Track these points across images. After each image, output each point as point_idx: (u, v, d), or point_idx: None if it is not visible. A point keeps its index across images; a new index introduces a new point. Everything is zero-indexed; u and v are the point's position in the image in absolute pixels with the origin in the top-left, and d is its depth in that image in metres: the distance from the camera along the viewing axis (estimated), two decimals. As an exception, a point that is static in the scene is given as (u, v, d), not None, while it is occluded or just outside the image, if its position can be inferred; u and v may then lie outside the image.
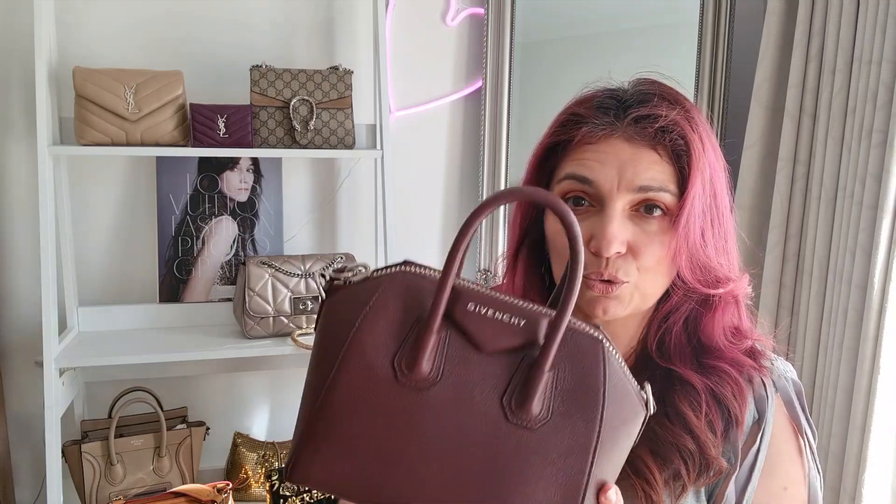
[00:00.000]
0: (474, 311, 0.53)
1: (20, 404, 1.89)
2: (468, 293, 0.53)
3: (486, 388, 0.52)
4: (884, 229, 1.41)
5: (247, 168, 1.95)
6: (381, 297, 0.53)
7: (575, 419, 0.52)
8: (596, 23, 2.02)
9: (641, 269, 0.72)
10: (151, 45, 1.85)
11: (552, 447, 0.52)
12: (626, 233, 0.71)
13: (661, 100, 0.73)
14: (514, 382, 0.52)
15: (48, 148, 1.61)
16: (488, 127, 2.02)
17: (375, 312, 0.53)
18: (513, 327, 0.53)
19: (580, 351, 0.54)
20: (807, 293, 1.66)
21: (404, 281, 0.54)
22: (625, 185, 0.71)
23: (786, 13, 1.73)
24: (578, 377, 0.53)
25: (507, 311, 0.53)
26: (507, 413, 0.52)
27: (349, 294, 0.55)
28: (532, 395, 0.52)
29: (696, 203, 0.71)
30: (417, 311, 0.53)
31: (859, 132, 1.50)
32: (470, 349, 0.53)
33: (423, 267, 0.56)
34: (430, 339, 0.52)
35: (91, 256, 1.89)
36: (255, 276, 1.78)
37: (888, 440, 1.45)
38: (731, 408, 0.74)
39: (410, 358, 0.52)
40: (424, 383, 0.52)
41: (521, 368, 0.53)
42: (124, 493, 1.73)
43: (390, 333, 0.53)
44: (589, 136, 0.72)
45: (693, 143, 0.71)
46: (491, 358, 0.53)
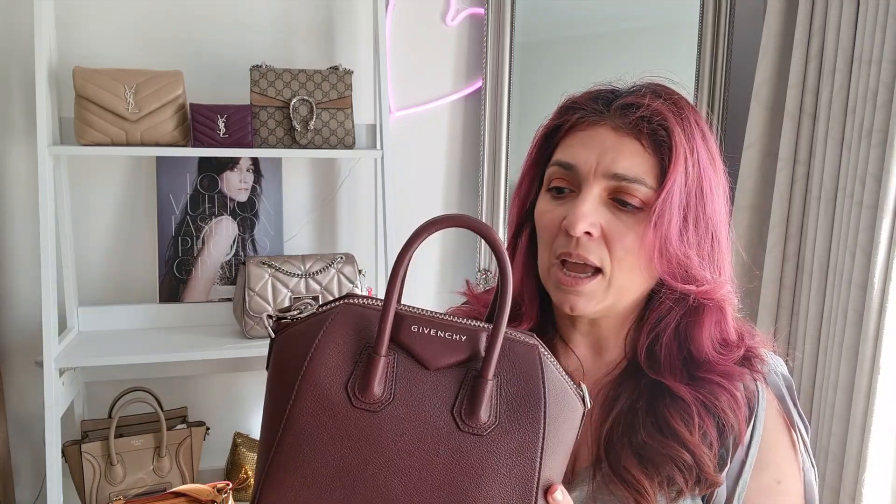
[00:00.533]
0: (418, 332, 0.58)
1: (20, 404, 1.89)
2: (410, 317, 0.58)
3: (436, 402, 0.56)
4: (884, 229, 1.41)
5: (247, 168, 1.95)
6: (330, 329, 0.57)
7: (521, 421, 0.57)
8: (596, 23, 2.02)
9: (614, 258, 0.72)
10: (151, 45, 1.85)
11: (503, 449, 0.56)
12: (600, 217, 0.72)
13: (651, 92, 0.74)
14: (461, 394, 0.57)
15: (48, 148, 1.61)
16: (488, 127, 2.02)
17: (325, 344, 0.57)
18: (455, 343, 0.58)
19: (519, 358, 0.59)
20: (807, 293, 1.66)
21: (350, 313, 0.58)
22: (601, 171, 0.72)
23: (786, 13, 1.73)
24: (520, 382, 0.58)
25: (449, 330, 0.58)
26: (459, 423, 0.56)
27: (297, 331, 0.59)
28: (479, 404, 0.56)
29: (673, 196, 0.71)
30: (365, 339, 0.57)
31: (859, 132, 1.50)
32: (417, 368, 0.57)
33: (366, 298, 0.60)
34: (379, 363, 0.56)
35: (91, 256, 1.89)
36: (255, 276, 1.78)
37: (888, 440, 1.45)
38: (727, 418, 0.74)
39: (362, 382, 0.56)
40: (378, 405, 0.55)
41: (466, 380, 0.57)
42: (124, 493, 1.73)
43: (341, 362, 0.56)
44: (580, 122, 0.74)
45: (675, 135, 0.71)
46: (438, 374, 0.57)
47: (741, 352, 0.77)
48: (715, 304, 0.75)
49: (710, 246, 0.74)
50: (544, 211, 0.76)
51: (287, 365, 0.57)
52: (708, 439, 0.73)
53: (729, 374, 0.75)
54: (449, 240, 2.12)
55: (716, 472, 0.72)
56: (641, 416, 0.74)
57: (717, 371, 0.75)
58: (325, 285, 1.84)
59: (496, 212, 2.05)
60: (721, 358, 0.76)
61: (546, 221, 0.75)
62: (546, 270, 0.76)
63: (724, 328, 0.77)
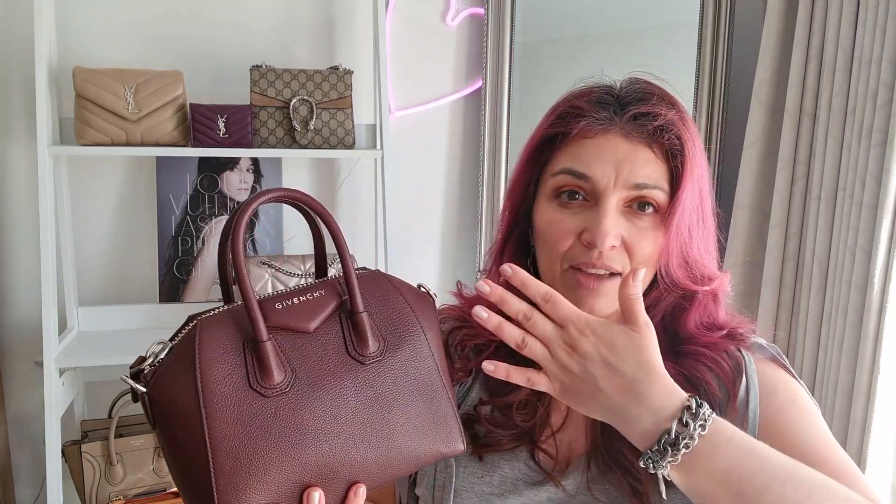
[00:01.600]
0: (283, 307, 0.62)
1: (20, 404, 1.89)
2: (270, 300, 0.62)
3: (332, 353, 0.61)
4: (884, 229, 1.41)
5: (247, 168, 1.95)
6: (202, 346, 0.58)
7: (402, 331, 0.65)
8: (596, 23, 2.02)
9: (634, 262, 0.73)
10: (151, 45, 1.85)
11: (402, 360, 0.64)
12: (620, 227, 0.72)
13: (660, 100, 0.74)
14: (346, 335, 0.63)
15: (48, 148, 1.61)
16: (488, 127, 2.02)
17: (206, 360, 0.57)
18: (317, 300, 0.63)
19: (372, 285, 0.66)
20: (807, 293, 1.66)
21: (209, 324, 0.59)
22: (621, 182, 0.72)
23: (786, 13, 1.73)
24: (383, 302, 0.66)
25: (306, 293, 0.63)
26: (358, 357, 0.62)
27: (167, 370, 0.58)
28: (365, 335, 0.63)
29: (687, 202, 0.73)
30: (239, 337, 0.59)
31: (859, 132, 1.50)
32: (300, 336, 0.61)
33: (208, 311, 0.61)
34: (266, 350, 0.58)
35: (91, 256, 1.89)
36: (255, 276, 1.78)
37: (888, 440, 1.45)
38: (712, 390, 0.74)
39: (262, 372, 0.58)
40: (286, 384, 0.58)
41: (343, 321, 0.63)
42: (124, 493, 1.73)
43: (232, 367, 0.58)
44: (587, 129, 0.73)
45: (688, 144, 0.73)
46: (319, 332, 0.62)
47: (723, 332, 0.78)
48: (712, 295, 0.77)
49: (707, 240, 0.77)
50: (554, 220, 0.75)
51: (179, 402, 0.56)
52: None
53: (713, 345, 0.77)
54: (449, 240, 2.12)
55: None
56: None
57: (700, 342, 0.77)
58: (325, 285, 1.84)
59: (496, 212, 2.05)
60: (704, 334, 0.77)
61: (556, 231, 0.74)
62: (557, 275, 0.76)
63: (713, 313, 0.79)
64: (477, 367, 0.81)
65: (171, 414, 0.57)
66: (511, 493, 0.76)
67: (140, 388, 0.58)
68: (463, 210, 2.11)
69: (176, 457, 0.57)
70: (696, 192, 0.74)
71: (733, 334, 0.79)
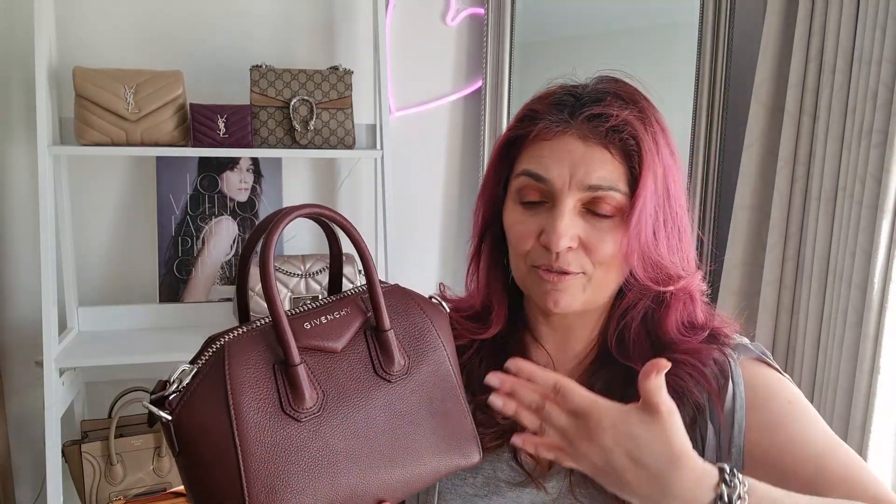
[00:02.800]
0: (311, 327, 0.61)
1: (20, 404, 1.89)
2: (298, 319, 0.61)
3: (360, 372, 0.62)
4: (884, 229, 1.41)
5: (247, 168, 1.95)
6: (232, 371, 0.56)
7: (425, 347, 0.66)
8: (596, 23, 2.02)
9: (595, 263, 0.73)
10: (151, 45, 1.85)
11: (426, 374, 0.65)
12: (577, 228, 0.72)
13: (616, 98, 0.74)
14: (373, 354, 0.63)
15: (48, 148, 1.61)
16: (488, 127, 2.02)
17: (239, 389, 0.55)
18: (344, 318, 0.63)
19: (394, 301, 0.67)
20: (807, 293, 1.66)
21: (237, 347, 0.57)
22: (576, 184, 0.72)
23: (786, 13, 1.73)
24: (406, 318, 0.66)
25: (333, 311, 0.63)
26: (386, 376, 0.62)
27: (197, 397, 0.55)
28: (391, 353, 0.63)
29: (647, 203, 0.72)
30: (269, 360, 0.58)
31: (859, 132, 1.50)
32: (329, 357, 0.61)
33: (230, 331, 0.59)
34: (298, 373, 0.57)
35: (91, 256, 1.89)
36: (255, 276, 1.78)
37: (888, 440, 1.45)
38: (696, 399, 0.74)
39: (295, 396, 0.57)
40: (318, 406, 0.58)
41: (370, 340, 0.63)
42: (124, 493, 1.73)
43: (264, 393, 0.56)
44: (544, 132, 0.74)
45: (644, 143, 0.72)
46: (347, 351, 0.62)
47: (705, 333, 0.78)
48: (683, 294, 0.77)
49: (677, 239, 0.76)
50: (516, 221, 0.76)
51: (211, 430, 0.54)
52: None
53: (695, 351, 0.76)
54: (449, 240, 2.12)
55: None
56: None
57: (682, 349, 0.76)
58: (326, 285, 1.84)
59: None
60: (685, 339, 0.77)
61: (518, 232, 0.76)
62: (524, 274, 0.77)
63: (691, 312, 0.78)
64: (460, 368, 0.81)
65: (202, 442, 0.55)
66: (494, 493, 0.76)
67: (165, 415, 0.55)
68: (463, 210, 2.11)
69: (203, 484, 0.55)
70: (659, 191, 0.73)
71: (717, 335, 0.79)
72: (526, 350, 0.83)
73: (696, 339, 0.77)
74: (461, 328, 0.82)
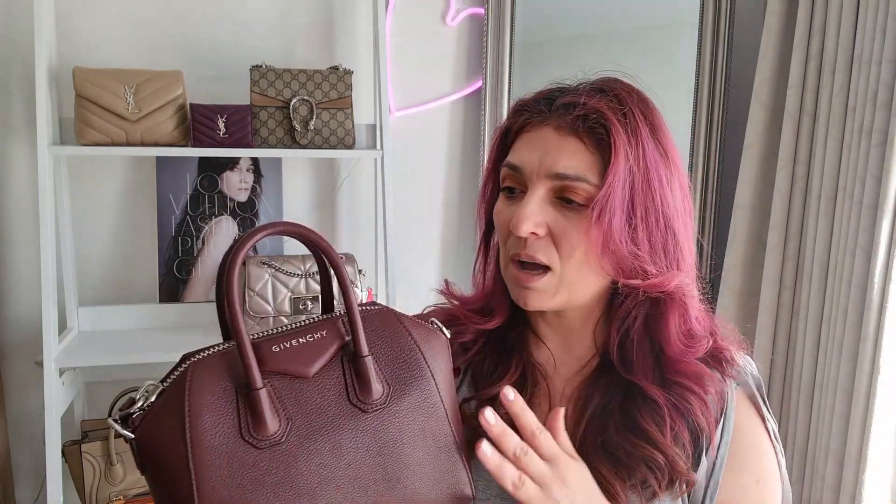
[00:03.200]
0: (280, 350, 0.57)
1: (20, 404, 1.89)
2: (267, 342, 0.57)
3: (332, 400, 0.57)
4: (884, 229, 1.41)
5: (247, 168, 1.95)
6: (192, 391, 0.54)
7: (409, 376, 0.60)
8: (596, 23, 2.02)
9: (563, 256, 0.73)
10: (151, 45, 1.85)
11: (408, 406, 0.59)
12: (546, 216, 0.73)
13: (595, 91, 0.74)
14: (348, 380, 0.58)
15: (48, 148, 1.61)
16: (488, 127, 2.02)
17: (197, 408, 0.54)
18: (318, 342, 0.58)
19: (380, 325, 0.61)
20: (807, 293, 1.66)
21: (201, 367, 0.56)
22: (543, 171, 0.73)
23: (786, 13, 1.73)
24: (391, 344, 0.61)
25: (306, 334, 0.58)
26: (360, 405, 0.57)
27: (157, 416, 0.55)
28: (369, 381, 0.58)
29: (615, 192, 0.70)
30: (232, 382, 0.55)
31: (859, 132, 1.50)
32: (298, 382, 0.57)
33: (205, 349, 0.57)
34: (261, 397, 0.54)
35: (91, 256, 1.89)
36: (255, 276, 1.78)
37: (888, 440, 1.45)
38: (699, 422, 0.74)
39: (255, 422, 0.54)
40: (281, 434, 0.54)
41: (346, 366, 0.59)
42: (124, 493, 1.73)
43: (223, 416, 0.54)
44: (527, 124, 0.76)
45: (615, 132, 0.71)
46: (319, 377, 0.57)
47: (709, 344, 0.77)
48: (674, 297, 0.75)
49: (664, 239, 0.74)
50: (498, 211, 0.78)
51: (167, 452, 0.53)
52: (681, 441, 0.73)
53: (699, 377, 0.75)
54: (449, 240, 2.12)
55: (689, 471, 0.72)
56: (614, 416, 0.75)
57: (688, 373, 0.75)
58: (325, 285, 1.84)
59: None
60: (689, 351, 0.76)
61: (500, 221, 0.78)
62: (504, 268, 0.78)
63: (687, 320, 0.77)
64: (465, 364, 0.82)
65: (159, 463, 0.54)
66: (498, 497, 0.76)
67: (128, 433, 0.55)
68: (463, 210, 2.11)
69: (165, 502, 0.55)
70: (637, 182, 0.71)
71: (719, 356, 0.78)
72: (527, 345, 0.83)
73: (696, 350, 0.76)
74: (467, 321, 0.82)
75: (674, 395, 0.74)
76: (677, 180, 0.75)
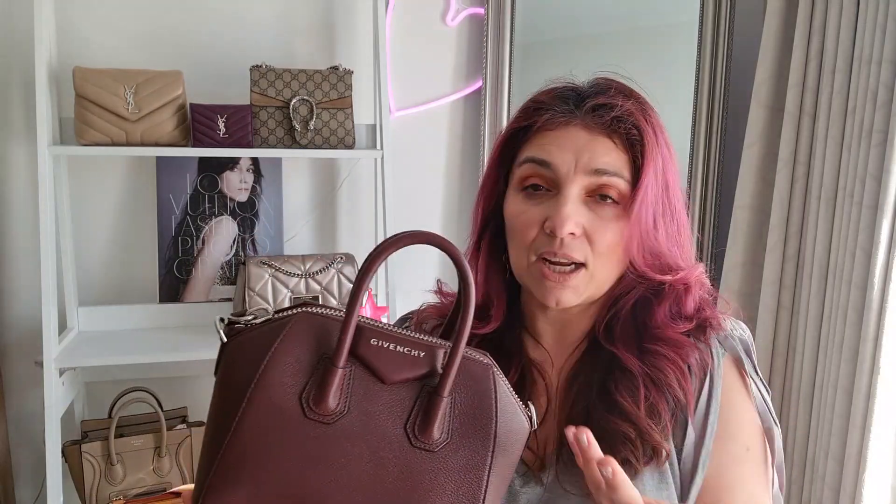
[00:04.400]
0: (377, 345, 0.57)
1: (20, 404, 1.89)
2: (370, 330, 0.57)
3: (390, 416, 0.56)
4: (884, 229, 1.41)
5: (247, 168, 1.95)
6: (287, 336, 0.56)
7: (472, 438, 0.57)
8: (596, 23, 2.02)
9: (596, 253, 0.74)
10: (151, 44, 1.85)
11: (453, 465, 0.57)
12: (581, 216, 0.73)
13: (618, 92, 0.76)
14: (416, 409, 0.57)
15: (48, 148, 1.61)
16: (488, 127, 2.02)
17: (281, 352, 0.55)
18: (413, 358, 0.57)
19: (474, 377, 0.59)
20: (807, 293, 1.66)
21: (308, 321, 0.57)
22: (581, 168, 0.73)
23: (786, 13, 1.73)
24: (473, 400, 0.58)
25: (408, 345, 0.58)
26: (411, 438, 0.56)
27: (251, 337, 0.57)
28: (433, 421, 0.56)
29: (649, 191, 0.73)
30: (323, 349, 0.56)
31: (859, 132, 1.50)
32: (374, 382, 0.57)
33: (325, 307, 0.58)
34: (335, 375, 0.55)
35: (91, 256, 1.89)
36: (255, 276, 1.78)
37: (888, 440, 1.45)
38: (676, 394, 0.74)
39: (317, 394, 0.55)
40: (331, 417, 0.55)
41: (422, 396, 0.57)
42: (124, 493, 1.73)
43: (296, 372, 0.55)
44: (549, 122, 0.75)
45: (646, 133, 0.74)
46: (394, 388, 0.57)
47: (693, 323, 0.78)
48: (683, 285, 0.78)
49: (678, 233, 0.78)
50: (519, 211, 0.77)
51: (239, 371, 0.56)
52: (656, 412, 0.73)
53: (679, 345, 0.76)
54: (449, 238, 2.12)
55: (665, 440, 0.73)
56: (595, 393, 0.76)
57: (667, 341, 0.76)
58: (325, 285, 1.84)
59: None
60: (672, 324, 0.77)
61: (522, 222, 0.76)
62: (525, 268, 0.77)
63: (682, 303, 0.78)
64: None
65: (227, 378, 0.57)
66: None
67: (223, 336, 0.58)
68: (463, 210, 2.11)
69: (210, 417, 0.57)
70: (659, 182, 0.75)
71: (703, 325, 0.79)
72: (523, 347, 0.83)
73: (682, 327, 0.77)
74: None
75: (648, 365, 0.75)
76: (678, 174, 0.79)
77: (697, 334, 0.78)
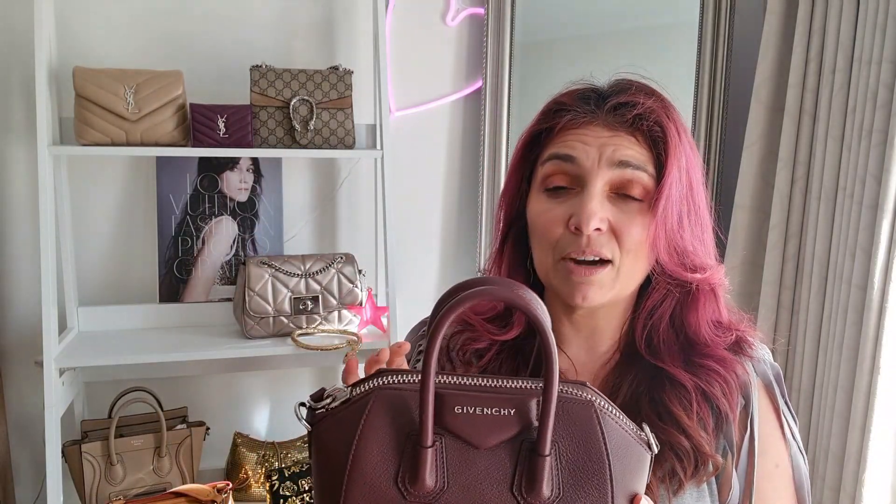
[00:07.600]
0: (462, 412, 0.54)
1: (20, 404, 1.89)
2: (451, 397, 0.54)
3: (493, 482, 0.53)
4: (884, 229, 1.41)
5: (247, 168, 1.95)
6: (369, 419, 0.54)
7: (587, 489, 0.53)
8: (596, 23, 2.02)
9: (624, 250, 0.74)
10: (151, 45, 1.85)
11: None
12: (607, 211, 0.73)
13: (639, 90, 0.76)
14: (519, 470, 0.53)
15: (48, 148, 1.61)
16: (488, 127, 2.02)
17: (367, 437, 0.53)
18: (504, 419, 0.54)
19: (575, 421, 0.55)
20: (807, 293, 1.66)
21: (385, 398, 0.55)
22: (605, 161, 0.73)
23: (786, 13, 1.73)
24: (579, 448, 0.54)
25: (494, 405, 0.54)
26: (520, 501, 0.53)
27: (334, 422, 0.56)
28: (540, 480, 0.53)
29: (673, 188, 0.73)
30: (407, 426, 0.54)
31: (859, 132, 1.50)
32: (468, 449, 0.54)
33: (398, 373, 0.56)
34: (426, 455, 0.52)
35: (91, 256, 1.89)
36: (255, 276, 1.78)
37: (888, 440, 1.45)
38: (721, 406, 0.75)
39: (413, 475, 0.53)
40: (431, 495, 0.52)
41: (522, 453, 0.54)
42: (124, 493, 1.73)
43: (386, 455, 0.53)
44: (571, 122, 0.75)
45: (669, 130, 0.74)
46: (491, 452, 0.54)
47: (733, 335, 0.79)
48: (708, 288, 0.78)
49: (702, 232, 0.78)
50: (543, 210, 0.76)
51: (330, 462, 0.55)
52: (703, 425, 0.74)
53: (724, 361, 0.77)
54: (449, 240, 2.12)
55: (714, 453, 0.73)
56: (643, 404, 0.75)
57: (713, 356, 0.76)
58: (325, 285, 1.84)
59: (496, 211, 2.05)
60: (717, 339, 0.78)
61: (545, 221, 0.76)
62: (550, 267, 0.77)
63: (717, 309, 0.79)
64: (480, 371, 0.81)
65: (322, 463, 0.56)
66: None
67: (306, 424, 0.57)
68: (463, 210, 2.11)
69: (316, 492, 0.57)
70: (682, 179, 0.75)
71: (741, 344, 0.79)
72: None
73: (724, 339, 0.78)
74: (481, 329, 0.82)
75: (701, 380, 0.75)
76: (702, 174, 0.79)
77: (735, 349, 0.79)
